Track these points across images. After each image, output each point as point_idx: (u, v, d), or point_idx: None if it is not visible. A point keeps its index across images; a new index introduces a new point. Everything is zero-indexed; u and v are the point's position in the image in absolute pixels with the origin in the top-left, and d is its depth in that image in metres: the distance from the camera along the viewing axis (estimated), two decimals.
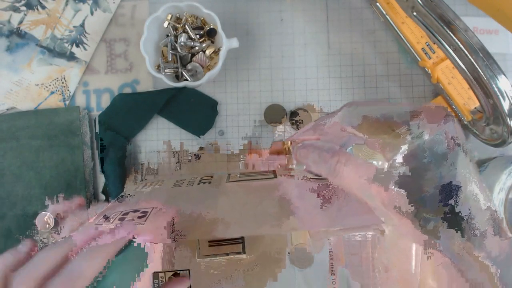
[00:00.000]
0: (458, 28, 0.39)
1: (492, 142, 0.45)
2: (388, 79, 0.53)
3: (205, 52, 0.51)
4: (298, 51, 0.53)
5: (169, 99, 0.51)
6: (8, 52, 0.53)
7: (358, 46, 0.53)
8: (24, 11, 0.53)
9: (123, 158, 0.51)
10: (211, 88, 0.53)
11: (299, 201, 0.32)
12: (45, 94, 0.53)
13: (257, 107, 0.53)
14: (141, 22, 0.50)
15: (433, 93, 0.52)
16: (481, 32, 0.52)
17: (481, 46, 0.38)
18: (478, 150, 0.51)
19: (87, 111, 0.52)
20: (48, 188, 0.50)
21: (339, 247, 0.36)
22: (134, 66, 0.53)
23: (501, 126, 0.41)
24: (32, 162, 0.51)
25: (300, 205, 0.31)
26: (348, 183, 0.29)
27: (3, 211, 0.50)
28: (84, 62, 0.53)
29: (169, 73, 0.51)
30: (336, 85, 0.53)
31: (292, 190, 0.33)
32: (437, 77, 0.48)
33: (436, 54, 0.48)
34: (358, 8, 0.53)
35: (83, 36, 0.53)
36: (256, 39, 0.53)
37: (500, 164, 0.48)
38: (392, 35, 0.53)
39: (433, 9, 0.39)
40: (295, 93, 0.53)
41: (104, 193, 0.52)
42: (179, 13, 0.51)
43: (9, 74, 0.53)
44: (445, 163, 0.28)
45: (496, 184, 0.45)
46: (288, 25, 0.53)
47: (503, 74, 0.38)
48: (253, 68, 0.53)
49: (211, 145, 0.52)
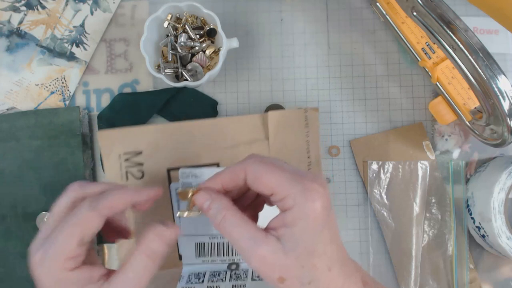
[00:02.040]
0: (458, 28, 0.39)
1: (492, 142, 0.45)
2: (388, 79, 0.53)
3: (205, 52, 0.51)
4: (298, 51, 0.53)
5: (169, 99, 0.51)
6: (8, 52, 0.53)
7: (358, 46, 0.53)
8: (24, 11, 0.53)
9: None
10: (211, 88, 0.53)
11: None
12: (45, 94, 0.53)
13: (257, 107, 0.53)
14: (141, 22, 0.50)
15: (433, 93, 0.52)
16: (481, 32, 0.52)
17: (481, 46, 0.38)
18: (478, 150, 0.51)
19: (87, 111, 0.52)
20: (48, 188, 0.50)
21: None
22: (134, 66, 0.53)
23: (501, 126, 0.41)
24: (32, 162, 0.51)
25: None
26: (231, 240, 0.31)
27: (3, 211, 0.50)
28: (84, 62, 0.53)
29: (169, 73, 0.51)
30: (336, 85, 0.53)
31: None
32: (437, 77, 0.48)
33: (436, 54, 0.48)
34: (358, 8, 0.53)
35: (83, 36, 0.53)
36: (256, 39, 0.53)
37: (500, 164, 0.48)
38: (392, 35, 0.53)
39: (433, 9, 0.39)
40: (295, 93, 0.53)
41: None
42: (179, 13, 0.51)
43: (9, 74, 0.53)
44: None
45: (496, 184, 0.45)
46: (288, 25, 0.53)
47: (503, 74, 0.38)
48: (253, 68, 0.53)
49: None
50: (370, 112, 0.52)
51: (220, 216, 0.31)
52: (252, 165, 0.31)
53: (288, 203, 0.30)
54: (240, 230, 0.30)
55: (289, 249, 0.29)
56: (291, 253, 0.29)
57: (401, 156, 0.51)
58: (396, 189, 0.51)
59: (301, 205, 0.29)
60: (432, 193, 0.51)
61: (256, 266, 0.30)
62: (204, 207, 0.32)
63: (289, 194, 0.29)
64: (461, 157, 0.51)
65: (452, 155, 0.51)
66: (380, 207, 0.51)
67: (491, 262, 0.50)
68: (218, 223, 0.31)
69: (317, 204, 0.29)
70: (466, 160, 0.51)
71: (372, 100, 0.52)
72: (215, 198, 0.32)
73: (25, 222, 0.50)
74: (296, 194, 0.29)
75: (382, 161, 0.51)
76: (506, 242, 0.45)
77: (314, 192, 0.29)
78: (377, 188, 0.51)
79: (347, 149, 0.52)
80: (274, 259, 0.29)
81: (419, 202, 0.50)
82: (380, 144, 0.51)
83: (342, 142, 0.52)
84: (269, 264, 0.30)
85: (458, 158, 0.51)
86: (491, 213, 0.45)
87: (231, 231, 0.31)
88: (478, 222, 0.47)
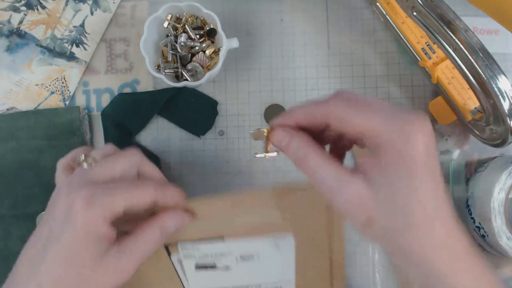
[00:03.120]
0: (458, 28, 0.39)
1: (492, 142, 0.45)
2: (388, 79, 0.53)
3: (205, 52, 0.51)
4: (298, 51, 0.53)
5: (169, 99, 0.51)
6: (8, 52, 0.53)
7: (358, 46, 0.53)
8: (24, 11, 0.53)
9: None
10: (211, 88, 0.53)
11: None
12: (45, 94, 0.53)
13: (257, 107, 0.53)
14: (141, 22, 0.50)
15: (433, 93, 0.52)
16: (481, 32, 0.52)
17: (481, 46, 0.38)
18: (478, 150, 0.51)
19: (87, 111, 0.52)
20: (48, 188, 0.50)
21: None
22: (134, 66, 0.53)
23: (501, 126, 0.41)
24: (32, 162, 0.51)
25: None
26: (314, 180, 0.29)
27: (3, 211, 0.50)
28: (84, 62, 0.53)
29: (169, 73, 0.51)
30: (336, 85, 0.53)
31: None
32: (437, 77, 0.48)
33: (436, 54, 0.48)
34: (358, 8, 0.53)
35: (83, 36, 0.53)
36: (256, 39, 0.53)
37: (500, 164, 0.48)
38: (392, 35, 0.53)
39: (433, 9, 0.39)
40: (295, 93, 0.53)
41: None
42: (179, 13, 0.51)
43: (9, 74, 0.53)
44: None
45: (496, 184, 0.45)
46: (288, 25, 0.53)
47: (503, 74, 0.38)
48: (253, 68, 0.53)
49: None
50: None
51: (301, 153, 0.29)
52: (337, 109, 0.28)
53: (382, 140, 0.26)
54: (324, 169, 0.28)
55: (383, 191, 0.26)
56: (384, 195, 0.26)
57: None
58: None
59: (398, 142, 0.25)
60: None
61: (343, 206, 0.27)
62: (283, 145, 0.30)
63: (384, 131, 0.26)
64: (461, 157, 0.51)
65: (452, 155, 0.51)
66: None
67: (491, 262, 0.50)
68: (300, 161, 0.29)
69: (418, 139, 0.25)
70: (466, 160, 0.51)
71: None
72: (294, 135, 0.29)
73: (25, 222, 0.50)
74: (392, 130, 0.26)
75: None
76: (506, 242, 0.45)
77: (415, 127, 0.25)
78: None
79: None
80: (364, 199, 0.26)
81: None
82: None
83: None
84: (358, 204, 0.27)
85: (458, 158, 0.51)
86: (491, 213, 0.45)
87: (314, 170, 0.28)
88: (478, 222, 0.47)
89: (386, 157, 0.26)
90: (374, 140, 0.27)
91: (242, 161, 0.52)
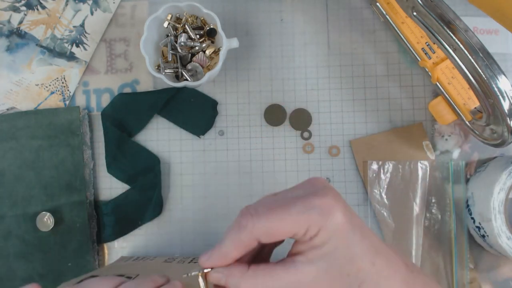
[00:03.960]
0: (458, 28, 0.39)
1: (492, 142, 0.45)
2: (388, 79, 0.53)
3: (205, 52, 0.51)
4: (298, 51, 0.53)
5: (169, 99, 0.51)
6: (8, 52, 0.53)
7: (358, 46, 0.53)
8: (24, 11, 0.53)
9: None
10: (211, 88, 0.53)
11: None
12: (45, 94, 0.53)
13: (257, 107, 0.53)
14: (141, 22, 0.50)
15: (433, 93, 0.52)
16: (481, 32, 0.52)
17: (481, 46, 0.38)
18: (478, 150, 0.51)
19: (87, 111, 0.52)
20: (48, 188, 0.50)
21: None
22: (134, 66, 0.53)
23: (501, 126, 0.41)
24: (32, 162, 0.51)
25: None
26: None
27: (3, 211, 0.50)
28: (84, 62, 0.53)
29: (169, 73, 0.51)
30: (336, 85, 0.53)
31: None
32: (437, 77, 0.48)
33: (436, 54, 0.48)
34: (358, 8, 0.53)
35: (83, 36, 0.53)
36: (256, 39, 0.53)
37: (500, 164, 0.48)
38: (392, 35, 0.53)
39: (433, 9, 0.39)
40: (295, 93, 0.53)
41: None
42: (179, 13, 0.51)
43: (9, 74, 0.53)
44: None
45: (496, 184, 0.45)
46: (288, 25, 0.53)
47: (503, 74, 0.38)
48: (253, 68, 0.53)
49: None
50: (370, 112, 0.52)
51: (241, 284, 0.30)
52: (258, 227, 0.29)
53: (312, 232, 0.29)
54: (268, 280, 0.29)
55: (328, 266, 0.29)
56: (331, 270, 0.29)
57: (401, 156, 0.51)
58: (396, 189, 0.51)
59: (325, 227, 0.28)
60: (432, 193, 0.51)
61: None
62: (222, 283, 0.31)
63: (309, 225, 0.29)
64: (461, 157, 0.51)
65: (452, 155, 0.51)
66: (380, 207, 0.51)
67: (491, 262, 0.50)
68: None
69: (338, 217, 0.29)
70: (466, 160, 0.51)
71: (372, 100, 0.52)
72: (228, 274, 0.30)
73: (25, 222, 0.50)
74: (315, 222, 0.28)
75: (382, 161, 0.51)
76: (506, 242, 0.45)
77: (329, 208, 0.29)
78: (377, 188, 0.51)
79: (347, 149, 0.52)
80: (317, 282, 0.29)
81: (419, 202, 0.50)
82: (380, 144, 0.51)
83: (342, 142, 0.52)
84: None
85: (458, 158, 0.51)
86: (491, 213, 0.45)
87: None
88: (478, 222, 0.47)
89: (320, 238, 0.29)
90: (305, 234, 0.29)
91: (242, 161, 0.52)
